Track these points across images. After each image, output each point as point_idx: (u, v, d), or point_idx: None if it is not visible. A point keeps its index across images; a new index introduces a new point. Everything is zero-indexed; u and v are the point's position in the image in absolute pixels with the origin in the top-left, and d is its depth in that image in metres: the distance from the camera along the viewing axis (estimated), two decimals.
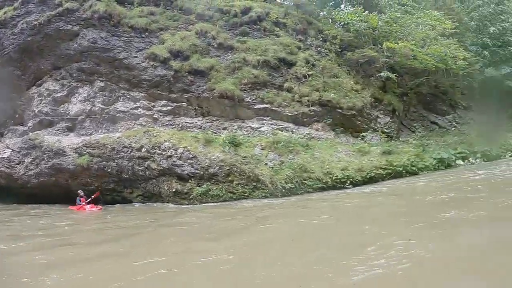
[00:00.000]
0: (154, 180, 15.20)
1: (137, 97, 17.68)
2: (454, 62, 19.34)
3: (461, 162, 16.03)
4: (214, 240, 7.28)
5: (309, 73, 17.48)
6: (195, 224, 9.79)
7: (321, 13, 22.26)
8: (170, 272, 5.13)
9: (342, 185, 13.43)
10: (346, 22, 20.04)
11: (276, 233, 7.42)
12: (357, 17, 18.74)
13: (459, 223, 5.97)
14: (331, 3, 23.09)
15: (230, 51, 18.00)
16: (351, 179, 13.56)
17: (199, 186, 14.03)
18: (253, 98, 16.66)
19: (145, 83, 17.45)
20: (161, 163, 14.64)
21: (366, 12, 19.01)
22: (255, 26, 19.15)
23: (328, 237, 6.30)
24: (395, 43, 17.28)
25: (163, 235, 8.82)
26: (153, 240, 8.28)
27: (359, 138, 16.68)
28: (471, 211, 6.49)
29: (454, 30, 20.49)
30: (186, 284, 4.78)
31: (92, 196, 15.76)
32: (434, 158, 15.44)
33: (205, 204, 13.42)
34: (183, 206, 13.78)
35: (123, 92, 17.93)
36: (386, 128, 17.38)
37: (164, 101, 17.46)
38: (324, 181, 13.45)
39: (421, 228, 5.79)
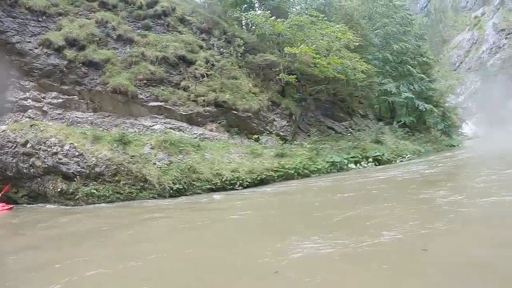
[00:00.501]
0: (39, 179, 13.82)
1: (27, 86, 16.07)
2: (354, 74, 20.44)
3: (353, 166, 16.97)
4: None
5: (208, 73, 17.38)
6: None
7: (229, 14, 22.23)
8: None
9: (232, 187, 13.35)
10: (252, 25, 20.27)
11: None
12: (264, 21, 18.92)
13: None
14: (243, 6, 23.13)
15: (129, 44, 17.21)
16: (241, 181, 13.54)
17: (85, 186, 13.15)
18: (148, 95, 16.07)
19: (36, 71, 15.94)
20: (46, 160, 13.33)
21: (273, 17, 19.33)
22: (159, 21, 18.60)
23: None
24: (296, 48, 17.69)
25: None
26: None
27: (254, 140, 16.78)
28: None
29: (358, 43, 21.71)
30: None
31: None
32: (327, 162, 16.15)
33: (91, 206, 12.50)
34: (67, 207, 12.71)
35: (13, 80, 16.38)
36: (282, 132, 17.79)
37: (55, 92, 16.12)
38: (213, 182, 13.25)
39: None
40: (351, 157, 17.36)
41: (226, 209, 9.78)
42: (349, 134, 21.14)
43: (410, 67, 26.70)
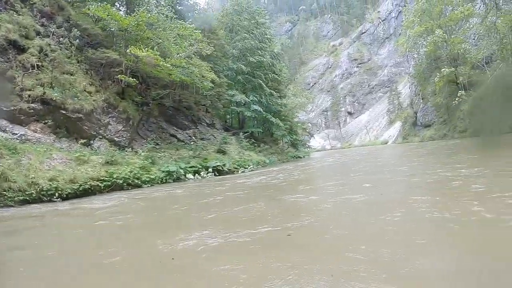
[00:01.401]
0: None
1: None
2: (201, 82, 20.20)
3: (191, 176, 16.30)
4: None
5: (40, 64, 14.89)
6: None
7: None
8: None
9: (49, 198, 11.52)
10: (98, 18, 18.30)
11: None
12: (105, 14, 17.18)
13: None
14: None
15: None
16: (60, 191, 11.81)
17: None
18: None
19: None
20: None
21: (121, 12, 17.89)
22: None
23: None
24: (140, 50, 16.48)
25: None
26: None
27: (83, 144, 14.98)
28: None
29: (211, 52, 21.63)
30: None
31: None
32: (163, 171, 15.21)
33: None
34: None
35: None
36: (117, 137, 16.34)
37: None
38: (27, 192, 11.18)
39: None
40: (190, 167, 16.84)
41: None
42: (192, 143, 20.71)
43: (261, 82, 27.83)
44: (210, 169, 17.55)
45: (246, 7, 31.44)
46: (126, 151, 16.04)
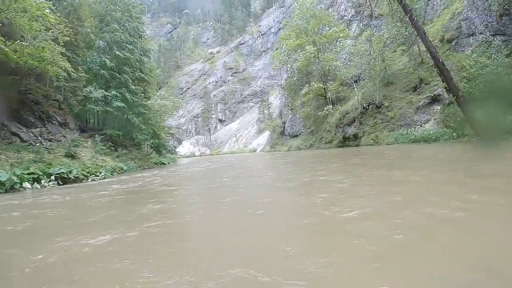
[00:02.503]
0: None
1: None
2: (54, 71, 17.50)
3: (29, 186, 13.57)
4: None
5: None
6: None
7: None
8: None
9: None
10: None
11: None
12: None
13: None
14: None
15: None
16: None
17: None
18: None
19: None
20: None
21: None
22: None
23: None
24: None
25: None
26: None
27: None
28: None
29: (73, 41, 18.98)
30: None
31: None
32: None
33: None
34: None
35: None
36: None
37: None
38: None
39: None
40: (29, 174, 14.08)
41: None
42: (38, 144, 17.55)
43: (128, 78, 25.67)
44: (53, 177, 14.98)
45: None
46: None
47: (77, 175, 16.27)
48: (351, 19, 49.70)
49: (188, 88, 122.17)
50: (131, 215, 6.10)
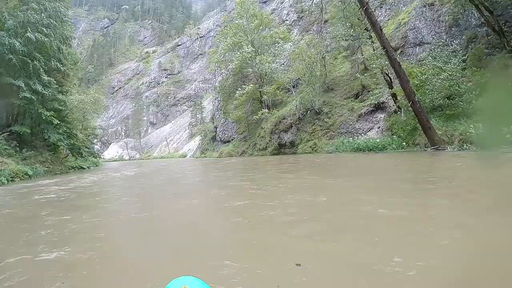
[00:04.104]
0: None
1: None
2: None
3: None
4: None
5: None
6: None
7: None
8: None
9: None
10: None
11: None
12: None
13: None
14: None
15: None
16: None
17: None
18: None
19: None
20: None
21: None
22: None
23: None
24: None
25: None
26: None
27: None
28: None
29: None
30: None
31: None
32: None
33: None
34: None
35: None
36: None
37: None
38: None
39: None
40: None
41: None
42: None
43: (40, 66, 21.81)
44: None
45: None
46: None
47: None
48: (293, 24, 48.91)
49: (120, 88, 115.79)
50: None
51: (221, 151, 44.96)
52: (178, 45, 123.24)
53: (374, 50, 23.74)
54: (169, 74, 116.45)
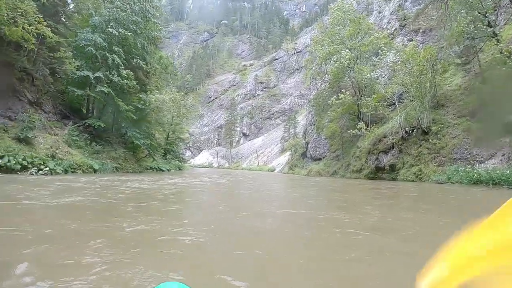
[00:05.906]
0: None
1: None
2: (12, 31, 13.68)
3: None
4: None
5: None
6: None
7: None
8: None
9: None
10: None
11: None
12: None
13: None
14: None
15: None
16: None
17: None
18: None
19: None
20: None
21: None
22: None
23: None
24: None
25: None
26: None
27: None
28: None
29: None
30: None
31: None
32: None
33: None
34: None
35: None
36: None
37: None
38: None
39: None
40: None
41: None
42: None
43: (120, 61, 21.17)
44: None
45: None
46: None
47: (12, 165, 12.20)
48: (394, 33, 44.10)
49: (216, 98, 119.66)
50: None
51: (310, 169, 41.39)
52: (275, 59, 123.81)
53: (501, 53, 19.15)
54: (265, 87, 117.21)
